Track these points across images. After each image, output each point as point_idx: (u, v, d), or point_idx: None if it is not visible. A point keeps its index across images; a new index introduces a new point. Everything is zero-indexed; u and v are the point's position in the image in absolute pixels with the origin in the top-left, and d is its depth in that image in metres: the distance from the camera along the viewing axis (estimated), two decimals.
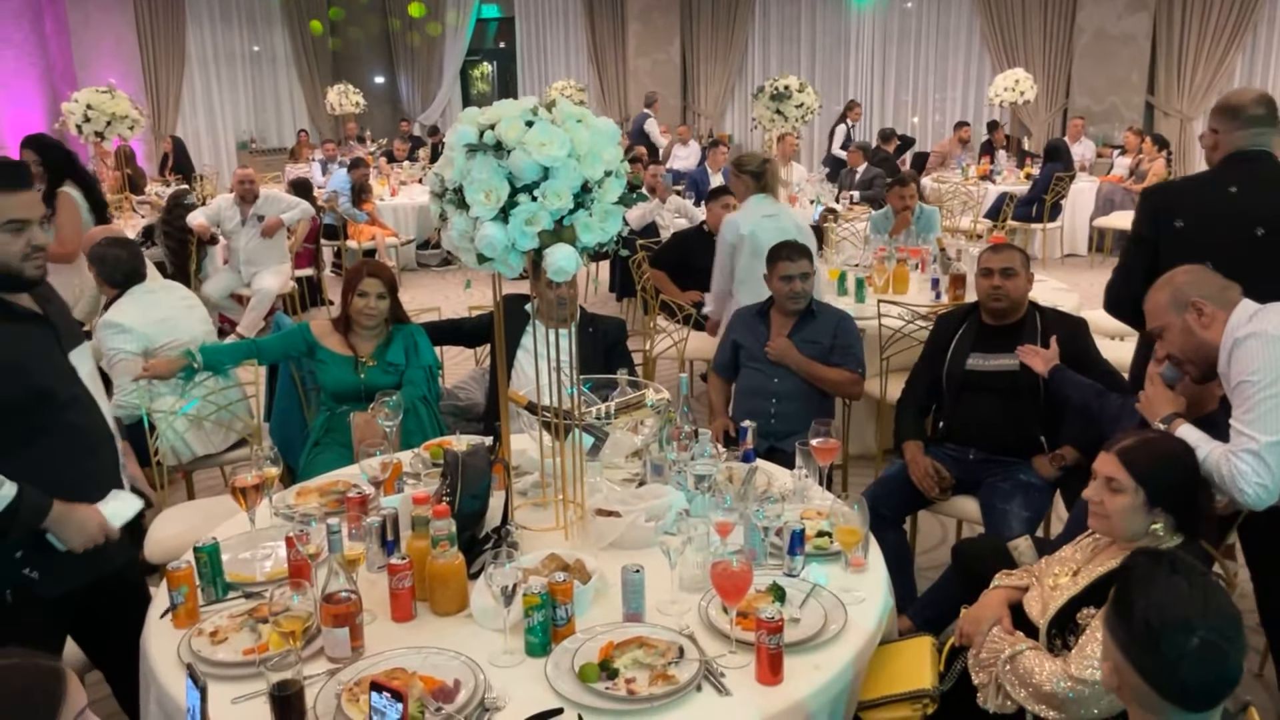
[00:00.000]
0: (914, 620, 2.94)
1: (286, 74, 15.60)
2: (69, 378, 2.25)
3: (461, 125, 2.12)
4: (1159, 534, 2.02)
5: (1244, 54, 11.49)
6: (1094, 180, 10.29)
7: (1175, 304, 2.41)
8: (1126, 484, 2.02)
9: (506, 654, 1.93)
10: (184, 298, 4.14)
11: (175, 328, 3.90)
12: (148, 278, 4.02)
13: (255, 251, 6.83)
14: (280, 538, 2.34)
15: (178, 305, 4.04)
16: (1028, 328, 3.29)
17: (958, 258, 5.26)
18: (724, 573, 1.92)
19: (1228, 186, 3.12)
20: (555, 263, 2.10)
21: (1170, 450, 2.09)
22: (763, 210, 4.59)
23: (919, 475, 3.26)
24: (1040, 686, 1.91)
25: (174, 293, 4.13)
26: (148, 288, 3.96)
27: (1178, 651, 1.44)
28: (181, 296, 4.13)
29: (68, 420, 2.23)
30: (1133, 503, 2.02)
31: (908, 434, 3.40)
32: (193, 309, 4.12)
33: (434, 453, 2.91)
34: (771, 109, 9.08)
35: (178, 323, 3.94)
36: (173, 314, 3.95)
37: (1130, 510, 2.02)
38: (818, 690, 1.86)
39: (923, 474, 3.25)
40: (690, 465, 2.55)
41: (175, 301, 4.05)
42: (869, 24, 14.07)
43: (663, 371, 5.61)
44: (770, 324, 3.83)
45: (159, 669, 1.94)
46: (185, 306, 4.08)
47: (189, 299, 4.17)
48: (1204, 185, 3.26)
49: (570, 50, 15.87)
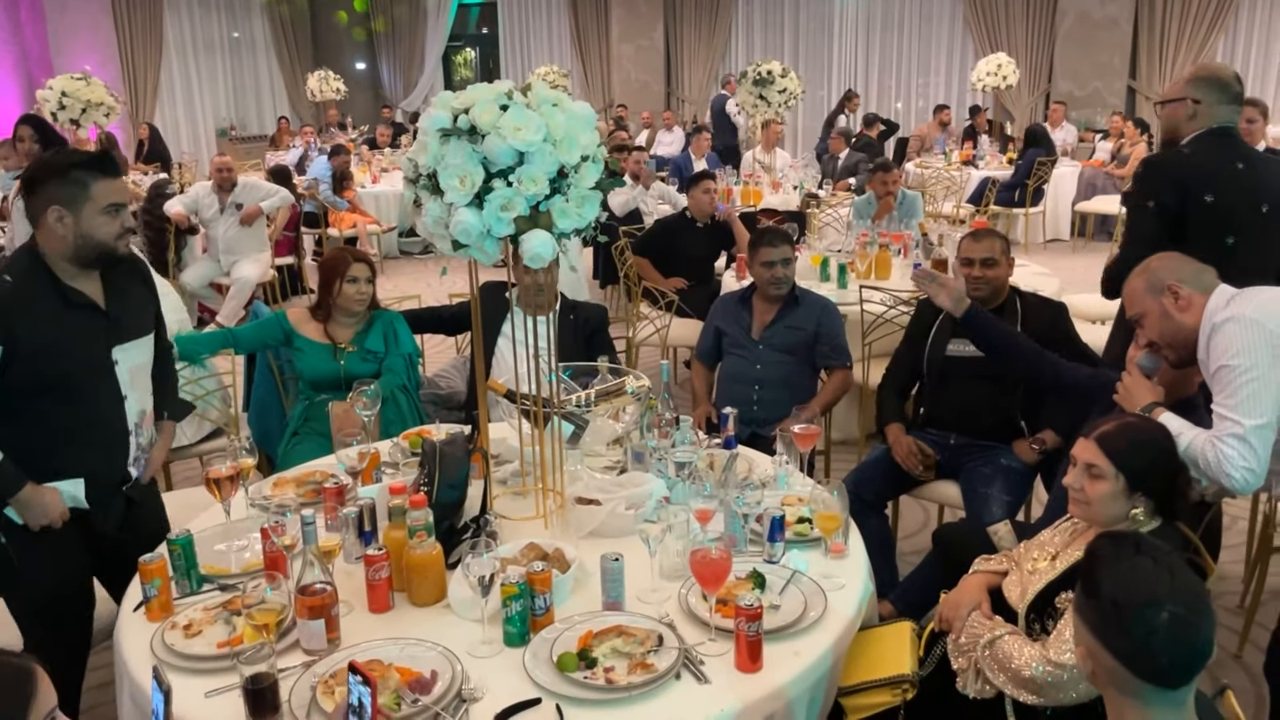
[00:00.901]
0: (895, 605, 2.95)
1: (266, 60, 15.47)
2: (99, 370, 2.38)
3: (435, 110, 2.10)
4: (1139, 519, 2.02)
5: (1226, 36, 11.53)
6: (1076, 165, 10.31)
7: (1151, 289, 2.40)
8: (1107, 470, 2.02)
9: (485, 644, 1.91)
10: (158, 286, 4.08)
11: None
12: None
13: (234, 240, 6.77)
14: (256, 529, 2.32)
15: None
16: (1008, 313, 3.29)
17: (940, 243, 5.25)
18: (703, 560, 1.91)
19: (1235, 162, 3.11)
20: (531, 249, 2.08)
21: (1149, 435, 2.09)
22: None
23: (902, 455, 3.26)
24: (1019, 671, 1.91)
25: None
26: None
27: (1147, 627, 1.45)
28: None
29: (76, 408, 2.34)
30: (1113, 489, 2.01)
31: (890, 417, 3.40)
32: (165, 297, 4.05)
33: (413, 442, 2.89)
34: (755, 94, 9.06)
35: None
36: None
37: (1111, 496, 2.02)
38: (797, 677, 1.85)
39: (906, 453, 3.26)
40: (671, 452, 2.54)
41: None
42: (852, 9, 14.05)
43: (645, 358, 5.60)
44: (753, 310, 3.82)
45: (131, 663, 1.92)
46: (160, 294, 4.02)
47: (162, 286, 4.10)
48: (1217, 159, 3.14)
49: (553, 36, 15.79)
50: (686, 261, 5.82)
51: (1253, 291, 2.30)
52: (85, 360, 2.35)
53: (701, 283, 5.76)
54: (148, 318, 2.55)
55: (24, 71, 11.95)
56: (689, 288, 5.58)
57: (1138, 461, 2.01)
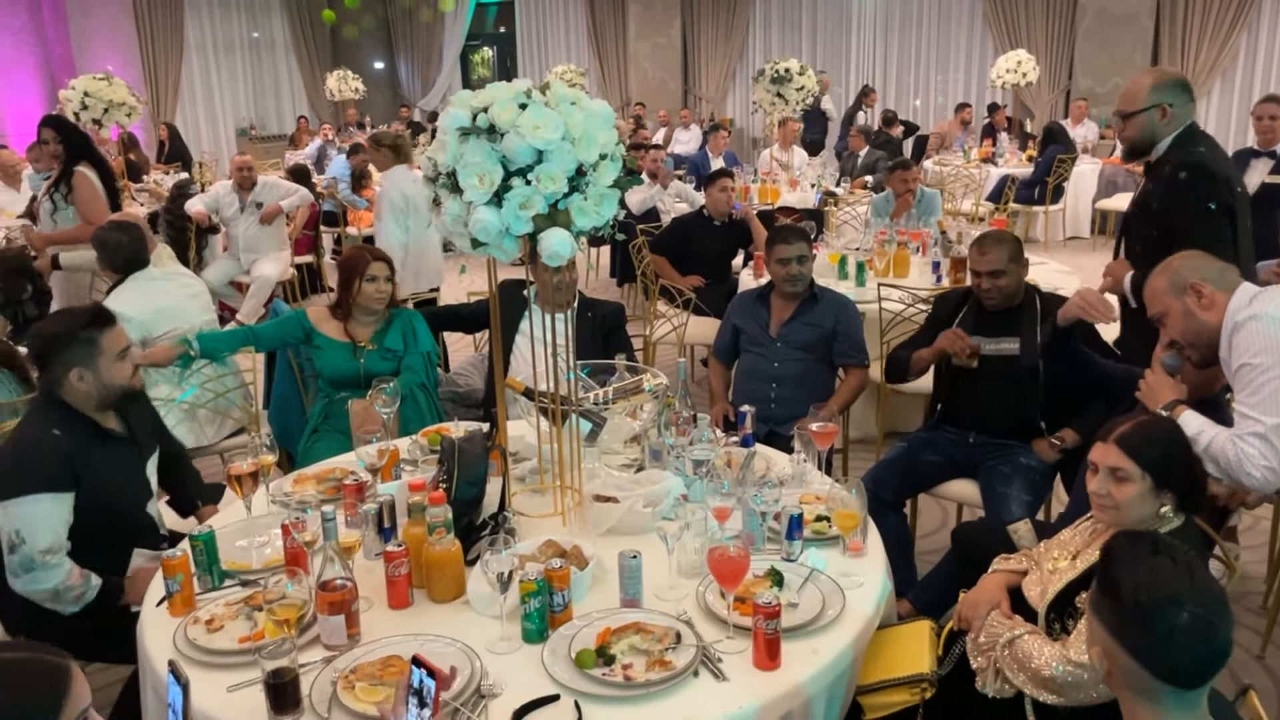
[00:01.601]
0: (914, 604, 2.94)
1: (286, 60, 15.55)
2: (144, 490, 2.63)
3: (455, 108, 2.10)
4: (1169, 516, 2.00)
5: (1249, 32, 11.38)
6: (1097, 162, 10.22)
7: (1174, 287, 2.38)
8: (1133, 471, 1.99)
9: (503, 641, 1.92)
10: (186, 285, 4.09)
11: (176, 316, 3.87)
12: (161, 261, 3.98)
13: (254, 239, 6.81)
14: (277, 525, 2.33)
15: (179, 294, 4.00)
16: (1027, 311, 3.27)
17: (959, 241, 5.22)
18: (721, 558, 1.91)
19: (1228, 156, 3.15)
20: (550, 247, 2.08)
21: (1161, 428, 2.08)
22: (410, 177, 5.49)
23: (949, 340, 3.22)
24: (1039, 671, 1.90)
25: (177, 280, 4.07)
26: (150, 275, 3.92)
27: (1168, 627, 1.44)
28: (184, 284, 4.08)
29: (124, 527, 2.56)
30: (1141, 489, 1.99)
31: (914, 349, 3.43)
32: (195, 297, 4.07)
33: (431, 439, 2.90)
34: (772, 92, 9.03)
35: (178, 311, 3.90)
36: (173, 303, 3.92)
37: (1139, 497, 2.00)
38: (816, 675, 1.85)
39: (952, 338, 3.21)
40: (689, 450, 2.54)
41: (177, 290, 4.00)
42: (870, 5, 13.98)
43: (663, 356, 5.60)
44: (771, 308, 3.81)
45: (154, 658, 1.94)
46: (188, 295, 4.03)
47: (191, 286, 4.12)
48: (1220, 152, 3.24)
49: (570, 34, 15.80)
50: (704, 260, 5.82)
51: (1276, 289, 2.28)
52: (134, 489, 2.60)
53: (719, 281, 5.75)
54: (153, 428, 2.79)
55: (47, 72, 12.07)
56: (706, 286, 5.58)
57: (1159, 456, 1.99)
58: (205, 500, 2.90)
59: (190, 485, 2.93)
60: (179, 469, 2.91)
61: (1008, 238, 3.32)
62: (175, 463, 2.89)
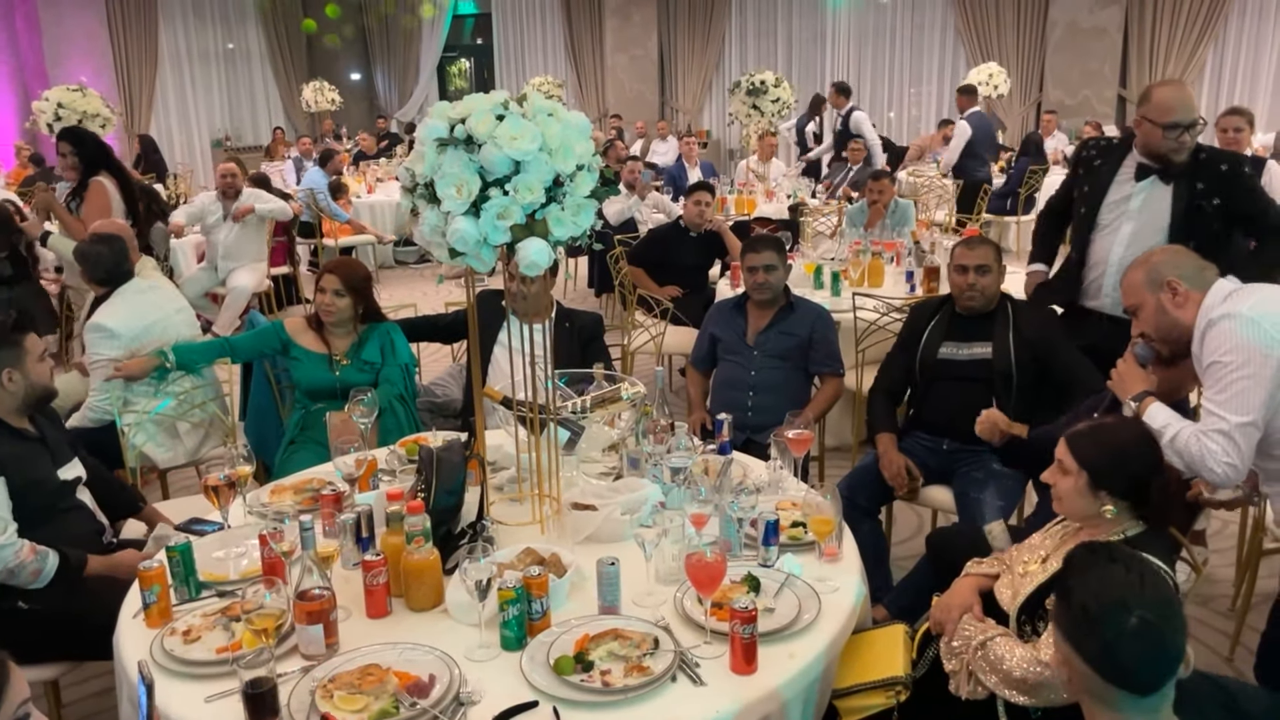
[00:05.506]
0: (889, 609, 2.96)
1: (261, 71, 15.48)
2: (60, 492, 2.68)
3: (432, 119, 2.12)
4: (1110, 516, 2.04)
5: (1215, 45, 11.59)
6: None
7: (1150, 283, 2.40)
8: (1071, 466, 2.08)
9: (482, 648, 1.93)
10: (172, 298, 3.98)
11: (163, 332, 3.75)
12: (146, 272, 3.90)
13: (234, 245, 6.77)
14: (254, 536, 2.33)
15: (166, 307, 3.88)
16: (999, 319, 3.32)
17: (932, 250, 5.29)
18: (697, 564, 1.93)
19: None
20: (527, 256, 2.10)
21: (1118, 437, 2.10)
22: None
23: (891, 473, 3.26)
24: (1010, 672, 1.93)
25: (163, 292, 3.96)
26: (138, 287, 3.79)
27: (1115, 631, 1.47)
28: (170, 298, 3.97)
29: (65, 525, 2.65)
30: (1076, 484, 2.07)
31: (880, 426, 3.42)
32: (180, 311, 3.96)
33: (409, 449, 2.91)
34: (748, 104, 9.10)
35: (165, 326, 3.79)
36: (161, 318, 3.80)
37: (1075, 491, 2.07)
38: (792, 679, 1.87)
39: (895, 472, 3.26)
40: (666, 458, 2.56)
41: (164, 303, 3.89)
42: (845, 19, 14.11)
43: (641, 366, 5.62)
44: (748, 317, 3.85)
45: (131, 670, 1.93)
46: (173, 309, 3.92)
47: (177, 300, 4.01)
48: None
49: (548, 46, 15.84)
50: (680, 270, 5.86)
51: (1251, 288, 2.30)
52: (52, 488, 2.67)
53: (696, 291, 5.79)
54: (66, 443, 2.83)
55: (20, 82, 11.96)
56: (683, 296, 5.61)
57: (1100, 460, 2.05)
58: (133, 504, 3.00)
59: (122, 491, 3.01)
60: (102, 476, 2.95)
61: (991, 241, 3.47)
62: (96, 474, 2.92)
